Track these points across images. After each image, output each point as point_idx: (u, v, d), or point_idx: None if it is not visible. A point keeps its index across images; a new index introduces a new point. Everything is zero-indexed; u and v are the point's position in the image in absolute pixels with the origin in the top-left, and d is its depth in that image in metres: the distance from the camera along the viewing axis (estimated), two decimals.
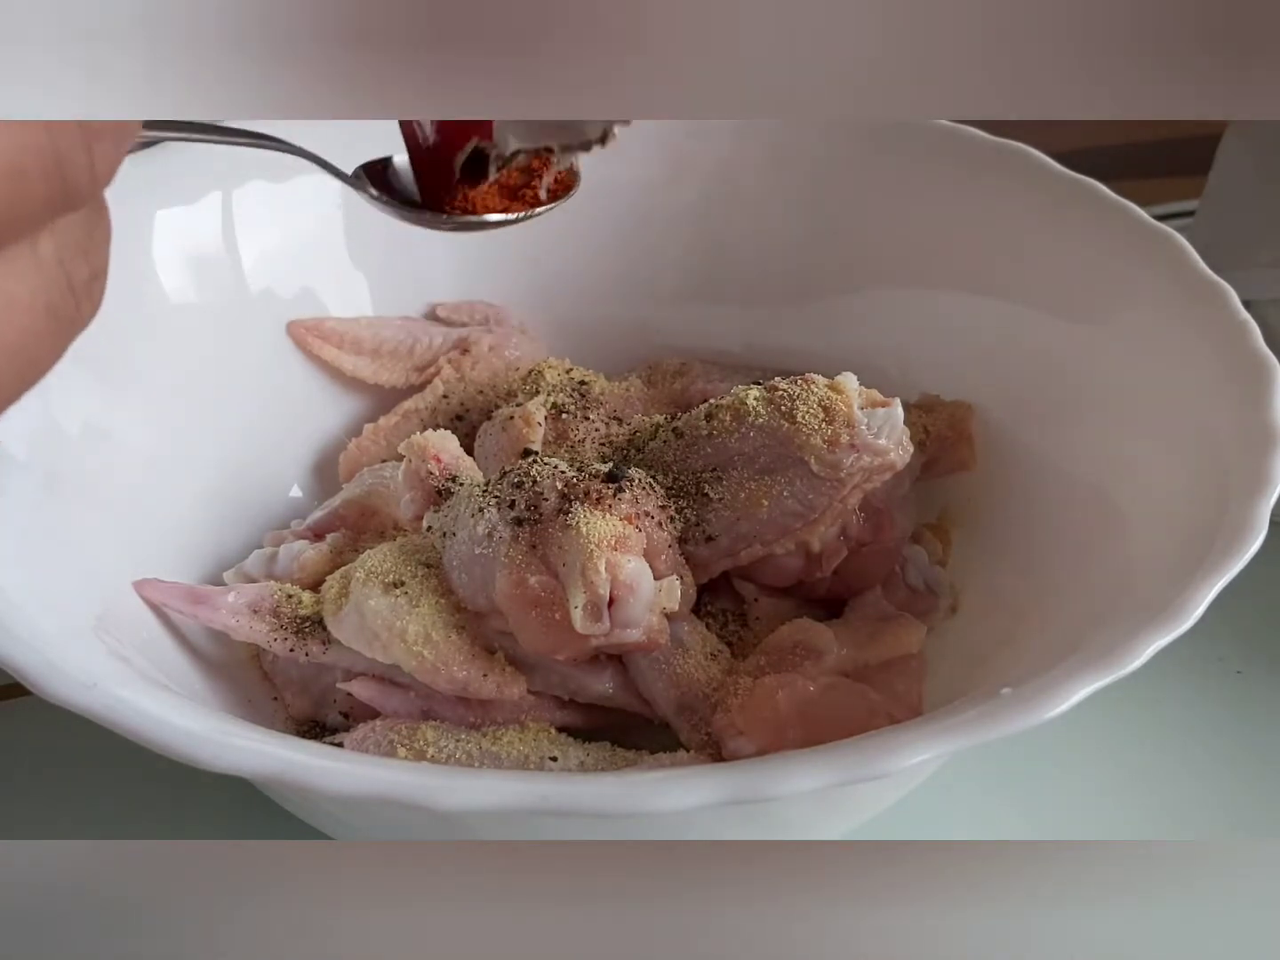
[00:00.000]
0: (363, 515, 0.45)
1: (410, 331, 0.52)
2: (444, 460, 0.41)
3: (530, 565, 0.36)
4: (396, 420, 0.50)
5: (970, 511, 0.47)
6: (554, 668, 0.38)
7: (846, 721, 0.36)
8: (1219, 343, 0.40)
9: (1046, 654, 0.34)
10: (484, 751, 0.36)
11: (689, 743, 0.38)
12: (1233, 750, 0.45)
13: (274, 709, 0.41)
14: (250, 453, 0.48)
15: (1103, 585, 0.37)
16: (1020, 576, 0.43)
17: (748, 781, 0.27)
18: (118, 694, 0.29)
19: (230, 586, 0.41)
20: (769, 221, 0.53)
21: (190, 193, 0.48)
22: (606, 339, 0.54)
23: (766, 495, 0.40)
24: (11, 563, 0.35)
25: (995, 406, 0.47)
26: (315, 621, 0.40)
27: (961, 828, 0.42)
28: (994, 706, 0.29)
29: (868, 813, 0.38)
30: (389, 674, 0.38)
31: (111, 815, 0.43)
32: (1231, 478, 0.36)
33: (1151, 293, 0.43)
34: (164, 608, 0.40)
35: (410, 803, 0.27)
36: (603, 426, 0.47)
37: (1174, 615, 0.31)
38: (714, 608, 0.43)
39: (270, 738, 0.32)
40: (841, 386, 0.40)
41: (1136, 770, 0.45)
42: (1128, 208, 0.45)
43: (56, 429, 0.41)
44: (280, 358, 0.50)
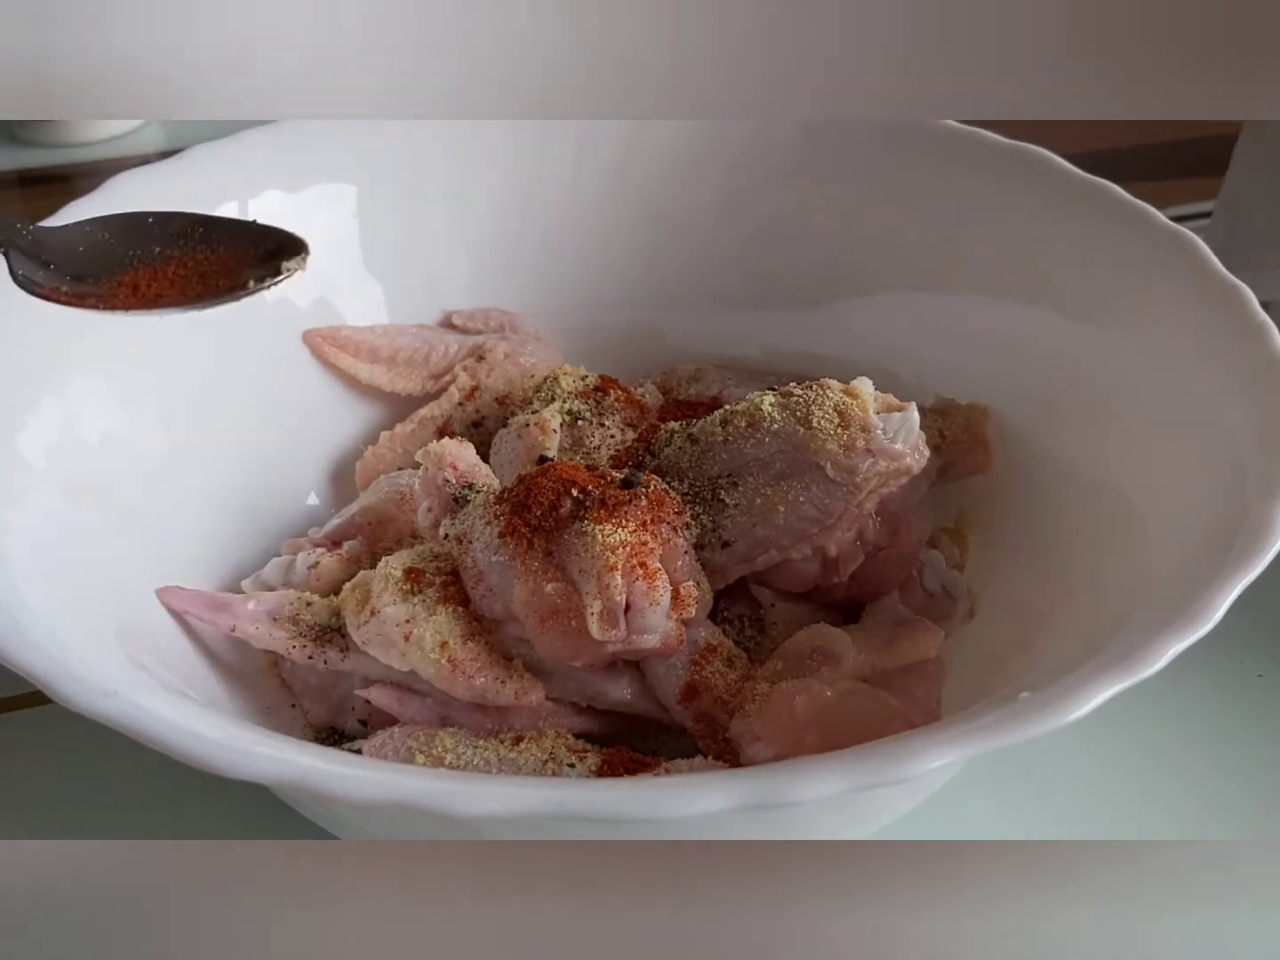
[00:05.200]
0: (380, 523, 0.45)
1: (426, 339, 0.52)
2: (460, 468, 0.41)
3: (547, 572, 0.36)
4: (413, 428, 0.50)
5: (987, 515, 0.47)
6: (571, 674, 0.38)
7: (864, 727, 0.36)
8: (1237, 344, 0.39)
9: (1065, 658, 0.34)
10: (501, 758, 0.36)
11: (706, 748, 0.38)
12: (1254, 753, 0.45)
13: (292, 716, 0.41)
14: (267, 461, 0.49)
15: (1121, 588, 0.37)
16: (1038, 580, 0.42)
17: (765, 787, 0.27)
18: (137, 702, 0.29)
19: (249, 594, 0.41)
20: (783, 226, 0.53)
21: (206, 202, 0.48)
22: (621, 345, 0.54)
23: (783, 501, 0.40)
24: (32, 572, 0.35)
25: (1011, 409, 0.47)
26: (333, 629, 0.40)
27: (980, 829, 0.42)
28: (1013, 711, 0.29)
29: (886, 818, 0.38)
30: (407, 681, 0.39)
31: (129, 820, 0.43)
32: (1250, 479, 0.35)
33: (1168, 295, 0.43)
34: (185, 615, 0.40)
35: (430, 809, 0.27)
36: (618, 433, 0.47)
37: (1194, 618, 0.31)
38: (731, 613, 0.43)
39: (289, 745, 0.32)
40: (857, 391, 0.40)
41: (1157, 774, 0.44)
42: (1144, 209, 0.45)
43: (76, 439, 0.41)
44: (297, 367, 0.50)
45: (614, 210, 0.53)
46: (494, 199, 0.53)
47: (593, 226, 0.54)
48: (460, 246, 0.53)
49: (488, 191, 0.53)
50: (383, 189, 0.51)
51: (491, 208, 0.53)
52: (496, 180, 0.53)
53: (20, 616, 0.32)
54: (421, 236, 0.52)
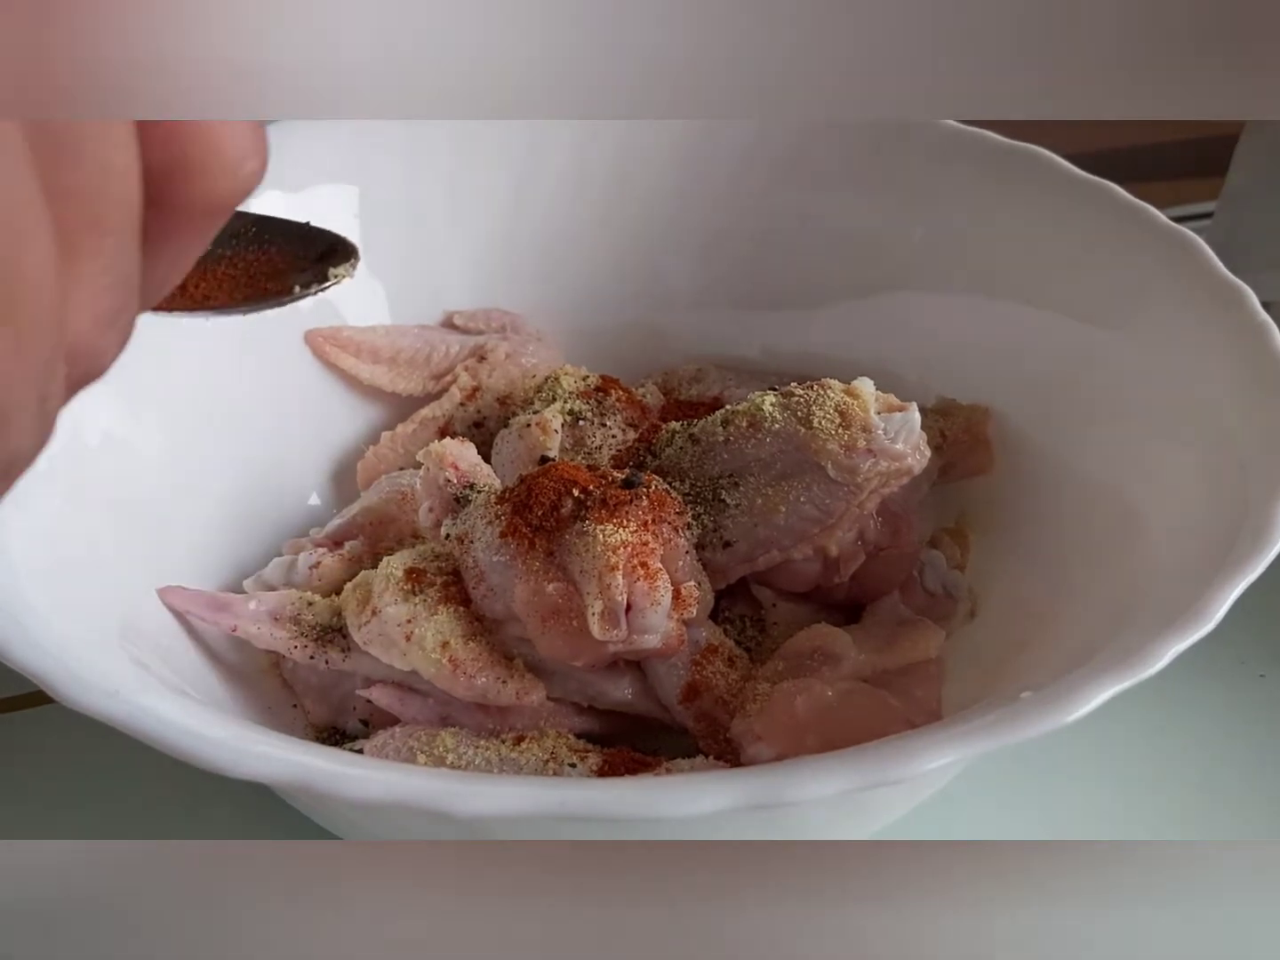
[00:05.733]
0: (381, 523, 0.45)
1: (427, 340, 0.52)
2: (462, 468, 0.41)
3: (548, 572, 0.36)
4: (414, 428, 0.51)
5: (988, 515, 0.47)
6: (572, 674, 0.38)
7: (865, 727, 0.36)
8: (1238, 344, 0.39)
9: (1066, 657, 0.34)
10: (503, 758, 0.36)
11: (707, 748, 0.38)
12: (1255, 754, 0.45)
13: (294, 716, 0.41)
14: (269, 461, 0.49)
15: (1122, 588, 0.37)
16: (1039, 580, 0.42)
17: (766, 787, 0.27)
18: (139, 701, 0.29)
19: (251, 594, 0.41)
20: (783, 226, 0.53)
21: None
22: (623, 345, 0.54)
23: (784, 501, 0.40)
24: (34, 571, 0.35)
25: (1013, 410, 0.47)
26: (335, 629, 0.40)
27: (980, 829, 0.42)
28: (1014, 710, 0.29)
29: (887, 818, 0.38)
30: (408, 680, 0.39)
31: (130, 820, 0.43)
32: (1251, 479, 0.35)
33: (1169, 295, 0.43)
34: (187, 615, 0.40)
35: (431, 809, 0.27)
36: (619, 433, 0.47)
37: (1195, 618, 0.31)
38: (732, 613, 0.43)
39: (291, 744, 0.32)
40: (858, 391, 0.40)
41: (1158, 774, 0.44)
42: (1145, 210, 0.45)
43: (78, 440, 0.41)
44: (298, 367, 0.51)
45: (614, 210, 0.53)
46: (495, 199, 0.53)
47: (594, 227, 0.54)
48: (462, 247, 0.53)
49: (489, 192, 0.53)
50: (384, 190, 0.51)
51: (493, 208, 0.53)
52: (498, 181, 0.53)
53: (22, 616, 0.32)
54: (423, 237, 0.53)
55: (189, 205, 0.19)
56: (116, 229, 0.18)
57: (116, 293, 0.19)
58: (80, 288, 0.18)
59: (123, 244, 0.18)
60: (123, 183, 0.18)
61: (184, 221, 0.20)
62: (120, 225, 0.18)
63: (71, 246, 0.17)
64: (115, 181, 0.18)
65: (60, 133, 0.17)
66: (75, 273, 0.18)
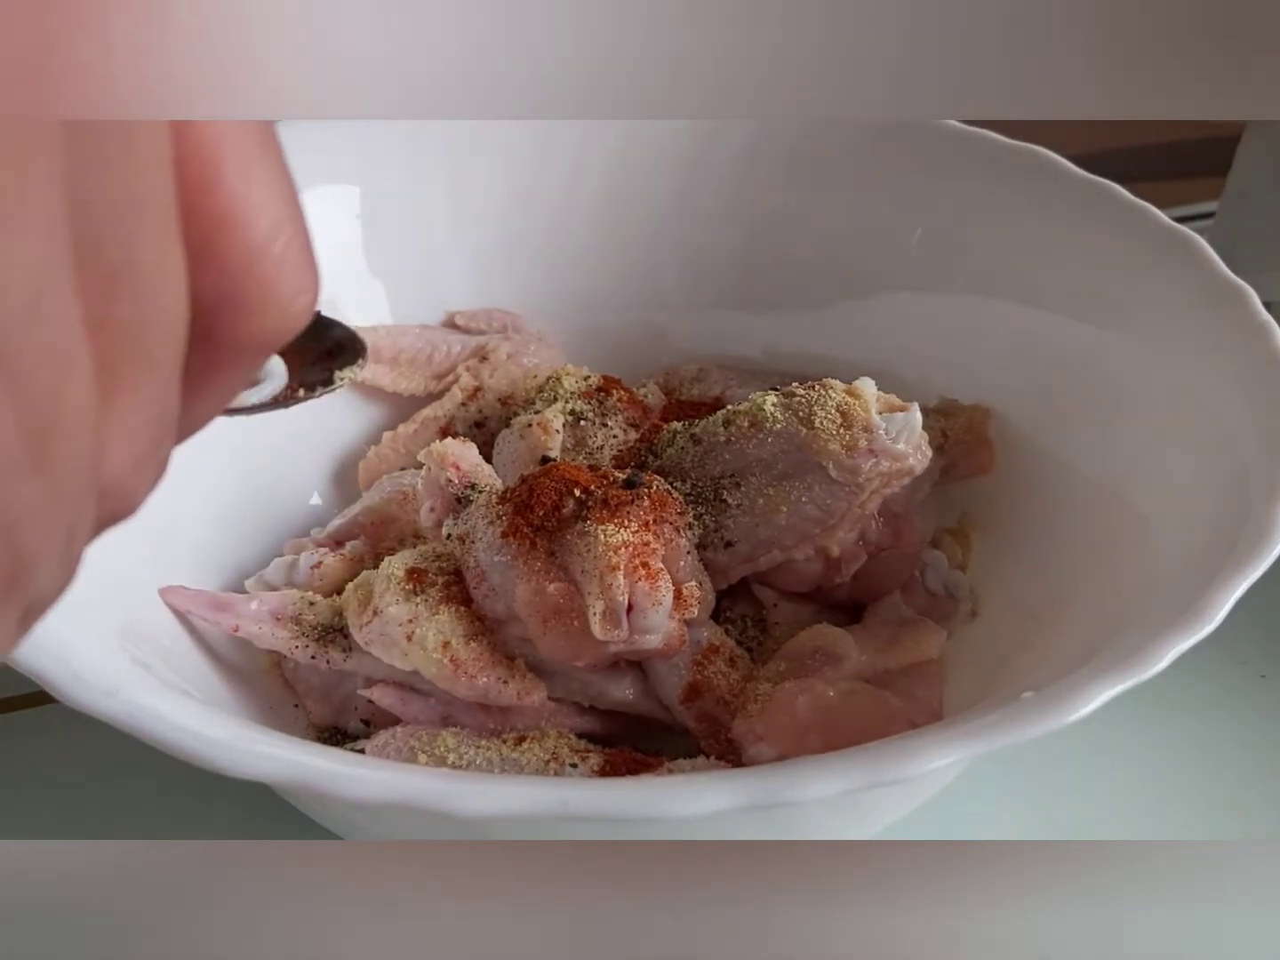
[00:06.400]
0: (382, 523, 0.45)
1: (429, 339, 0.52)
2: (463, 468, 0.41)
3: (549, 572, 0.36)
4: (415, 428, 0.51)
5: (990, 515, 0.47)
6: (574, 674, 0.38)
7: (866, 727, 0.36)
8: (1239, 344, 0.39)
9: (1067, 658, 0.34)
10: (504, 758, 0.36)
11: (709, 749, 0.38)
12: (1256, 754, 0.45)
13: (295, 716, 0.41)
14: (270, 461, 0.49)
15: (1124, 589, 0.37)
16: (1040, 580, 0.42)
17: (767, 786, 0.27)
18: (140, 701, 0.29)
19: (252, 594, 0.41)
20: (784, 226, 0.53)
21: None
22: (624, 345, 0.54)
23: (785, 501, 0.40)
24: None
25: (1014, 410, 0.47)
26: (336, 629, 0.40)
27: (981, 829, 0.42)
28: (1015, 710, 0.29)
29: (888, 818, 0.38)
30: (409, 681, 0.39)
31: (130, 820, 0.43)
32: (1253, 480, 0.35)
33: (1171, 295, 0.43)
34: (188, 614, 0.40)
35: (433, 809, 0.27)
36: (620, 433, 0.47)
37: (1196, 618, 0.31)
38: (733, 613, 0.43)
39: (292, 744, 0.32)
40: (859, 391, 0.40)
41: (1159, 774, 0.44)
42: (1146, 210, 0.45)
43: None
44: None
45: (615, 210, 0.53)
46: (496, 200, 0.53)
47: (594, 227, 0.54)
48: (463, 247, 0.53)
49: (490, 192, 0.53)
50: (385, 190, 0.51)
51: (494, 208, 0.53)
52: (499, 181, 0.53)
53: None
54: (424, 237, 0.53)
55: (236, 342, 0.18)
56: (160, 364, 0.17)
57: (154, 430, 0.18)
58: (117, 425, 0.17)
59: (165, 380, 0.17)
60: (171, 316, 0.17)
61: (229, 357, 0.19)
62: (164, 360, 0.17)
63: (111, 381, 0.16)
64: (163, 315, 0.17)
65: (112, 262, 0.16)
66: (114, 409, 0.17)
